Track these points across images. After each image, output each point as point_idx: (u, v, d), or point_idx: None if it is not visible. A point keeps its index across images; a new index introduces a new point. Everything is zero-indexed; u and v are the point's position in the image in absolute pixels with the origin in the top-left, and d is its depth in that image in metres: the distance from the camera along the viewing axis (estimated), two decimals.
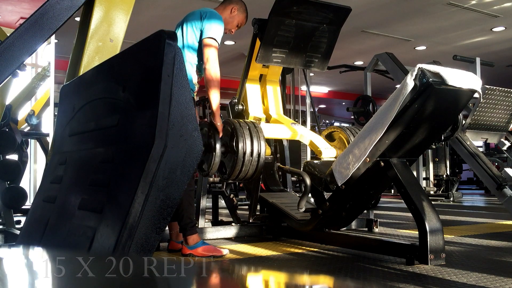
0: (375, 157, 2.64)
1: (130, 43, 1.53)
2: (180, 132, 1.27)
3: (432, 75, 2.43)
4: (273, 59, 3.53)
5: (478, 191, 11.69)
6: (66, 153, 1.81)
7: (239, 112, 3.75)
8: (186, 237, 2.98)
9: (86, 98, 1.71)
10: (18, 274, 0.66)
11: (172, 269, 0.69)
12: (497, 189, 3.86)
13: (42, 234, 1.64)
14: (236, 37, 8.50)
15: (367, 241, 3.07)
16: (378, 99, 10.46)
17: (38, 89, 4.77)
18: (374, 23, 7.72)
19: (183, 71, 1.29)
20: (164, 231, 3.16)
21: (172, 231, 3.19)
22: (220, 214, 4.30)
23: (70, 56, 2.28)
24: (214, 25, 3.00)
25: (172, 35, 1.29)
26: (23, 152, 4.39)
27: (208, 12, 3.05)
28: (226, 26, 3.20)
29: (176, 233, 3.17)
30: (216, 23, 3.02)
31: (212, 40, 2.98)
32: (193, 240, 2.97)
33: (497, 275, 2.36)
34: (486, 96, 4.11)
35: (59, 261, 0.77)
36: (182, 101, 1.27)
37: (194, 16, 3.06)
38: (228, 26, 3.26)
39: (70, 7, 1.94)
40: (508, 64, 10.28)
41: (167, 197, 1.25)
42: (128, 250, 1.19)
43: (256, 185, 3.55)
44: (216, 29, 3.01)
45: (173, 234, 3.18)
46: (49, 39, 2.50)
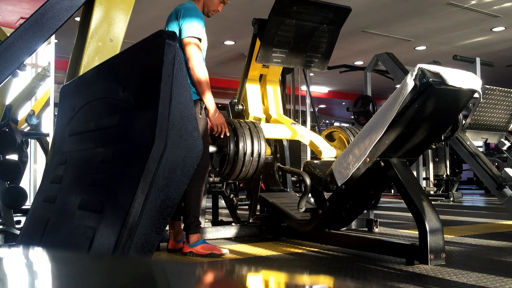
0: (375, 157, 2.64)
1: (130, 43, 1.53)
2: (180, 132, 1.27)
3: (432, 75, 2.43)
4: (273, 59, 3.53)
5: (478, 191, 11.69)
6: (66, 153, 1.81)
7: (239, 112, 3.76)
8: (188, 235, 2.99)
9: (86, 98, 1.71)
10: (18, 274, 0.66)
11: (172, 269, 0.69)
12: (497, 189, 3.87)
13: (42, 234, 1.64)
14: (236, 37, 8.50)
15: (367, 241, 3.06)
16: (378, 99, 10.47)
17: (38, 89, 4.78)
18: (374, 23, 7.73)
19: (183, 71, 1.29)
20: (164, 231, 3.16)
21: (172, 231, 3.19)
22: (220, 214, 4.30)
23: (70, 56, 2.28)
24: (190, 22, 2.90)
25: (172, 35, 1.29)
26: (23, 152, 4.39)
27: (182, 10, 2.95)
28: (209, 8, 3.09)
29: (176, 232, 3.17)
30: (192, 19, 2.92)
31: (190, 39, 2.88)
32: (195, 238, 2.98)
33: (497, 275, 2.36)
34: (486, 96, 4.12)
35: (59, 261, 0.77)
36: (182, 101, 1.27)
37: (171, 18, 2.99)
38: (212, 7, 3.11)
39: (70, 7, 1.94)
40: (508, 64, 10.28)
41: (167, 197, 1.25)
42: (128, 250, 1.19)
43: (256, 185, 3.55)
44: (193, 25, 2.91)
45: (173, 233, 3.18)
46: (49, 39, 2.50)
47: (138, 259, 1.07)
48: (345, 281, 0.91)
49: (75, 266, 0.71)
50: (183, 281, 0.64)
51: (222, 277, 0.64)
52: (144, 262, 0.93)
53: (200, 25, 2.95)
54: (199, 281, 0.64)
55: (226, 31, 8.11)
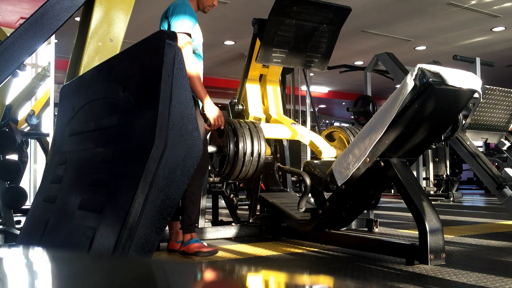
0: (375, 157, 2.64)
1: (130, 43, 1.53)
2: (180, 132, 1.27)
3: (432, 75, 2.43)
4: (273, 59, 3.53)
5: (478, 191, 11.69)
6: (66, 153, 1.81)
7: (239, 112, 3.76)
8: (183, 234, 3.01)
9: (86, 98, 1.71)
10: (18, 274, 0.66)
11: (172, 269, 0.69)
12: (497, 189, 3.86)
13: (42, 234, 1.64)
14: (236, 37, 8.50)
15: (367, 241, 3.06)
16: (378, 99, 10.46)
17: (38, 89, 4.78)
18: (374, 23, 7.73)
19: (183, 71, 1.29)
20: (164, 231, 3.16)
21: (172, 231, 3.19)
22: (220, 214, 4.30)
23: (70, 56, 2.28)
24: (179, 18, 2.87)
25: (172, 35, 1.29)
26: (23, 152, 4.39)
27: (172, 7, 2.93)
28: (204, 4, 3.05)
29: (176, 232, 3.17)
30: (181, 16, 2.87)
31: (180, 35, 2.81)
32: (188, 238, 2.99)
33: (497, 275, 2.36)
34: (486, 96, 4.12)
35: (59, 261, 0.77)
36: (182, 101, 1.27)
37: (162, 17, 2.99)
38: (207, 2, 3.06)
39: (70, 7, 1.94)
40: (508, 64, 10.28)
41: (167, 197, 1.25)
42: (128, 250, 1.19)
43: (256, 185, 3.55)
44: (182, 22, 2.87)
45: (173, 234, 3.19)
46: (49, 39, 2.50)
47: (138, 259, 1.07)
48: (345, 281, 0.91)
49: (75, 266, 0.71)
50: (183, 281, 0.64)
51: (222, 277, 0.64)
52: (144, 262, 0.93)
53: (190, 21, 2.89)
54: (199, 281, 0.64)
55: (226, 31, 8.11)
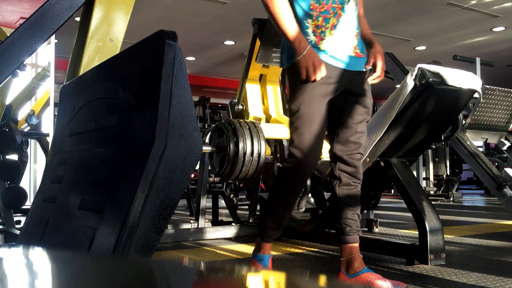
0: (375, 157, 2.64)
1: (130, 43, 1.53)
2: (180, 132, 1.27)
3: (432, 75, 2.43)
4: (273, 59, 3.53)
5: (478, 191, 11.69)
6: (66, 153, 1.81)
7: (239, 112, 3.76)
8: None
9: (86, 98, 1.71)
10: (18, 274, 0.66)
11: (171, 269, 0.69)
12: (497, 189, 3.86)
13: (42, 234, 1.64)
14: (236, 37, 8.50)
15: (367, 241, 3.06)
16: (378, 99, 10.48)
17: (38, 89, 4.77)
18: (374, 23, 7.70)
19: (183, 71, 1.29)
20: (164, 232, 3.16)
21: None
22: (220, 214, 4.30)
23: (70, 56, 2.28)
24: None
25: (172, 35, 1.28)
26: (23, 152, 4.39)
27: None
28: None
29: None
30: None
31: None
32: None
33: (497, 275, 2.36)
34: (486, 96, 4.11)
35: (59, 261, 0.77)
36: (182, 101, 1.27)
37: None
38: None
39: (70, 7, 1.94)
40: (508, 64, 10.28)
41: (167, 197, 1.25)
42: (128, 250, 1.19)
43: (256, 185, 3.55)
44: None
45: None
46: (49, 39, 2.50)
47: (138, 259, 1.06)
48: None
49: (75, 266, 0.71)
50: (183, 281, 0.64)
51: (222, 277, 0.64)
52: (144, 262, 0.93)
53: None
54: (199, 281, 0.64)
55: (226, 31, 8.11)
